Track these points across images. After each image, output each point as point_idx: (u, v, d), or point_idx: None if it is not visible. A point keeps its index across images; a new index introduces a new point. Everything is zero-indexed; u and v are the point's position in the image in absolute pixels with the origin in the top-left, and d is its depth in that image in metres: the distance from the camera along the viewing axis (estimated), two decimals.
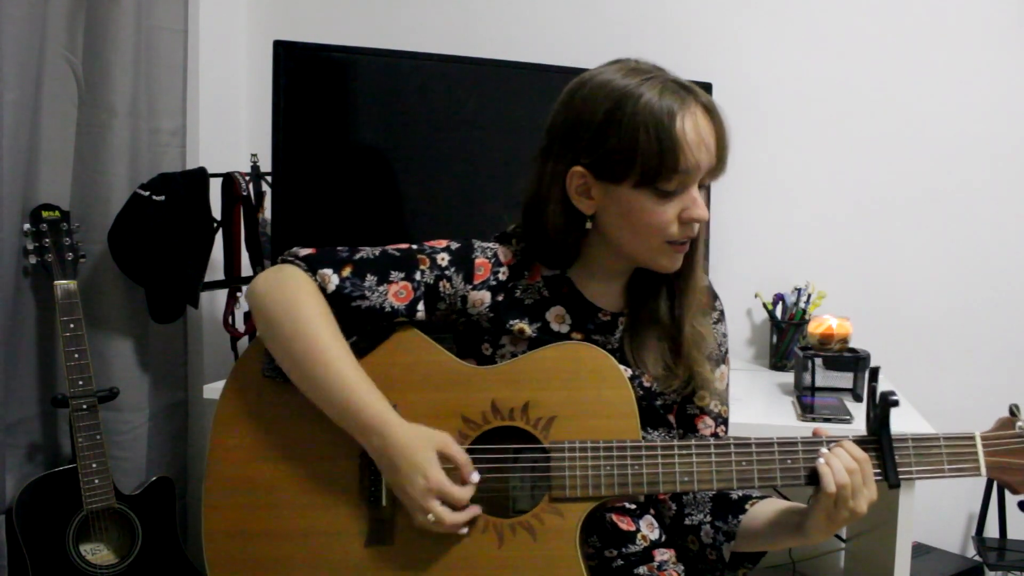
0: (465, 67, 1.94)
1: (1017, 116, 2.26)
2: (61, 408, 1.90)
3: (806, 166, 2.35)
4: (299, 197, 1.82)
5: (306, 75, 1.81)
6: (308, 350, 1.12)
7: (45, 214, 1.86)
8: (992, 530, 2.26)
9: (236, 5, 2.45)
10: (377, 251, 1.21)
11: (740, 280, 2.35)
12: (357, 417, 1.11)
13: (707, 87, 2.17)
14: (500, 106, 1.95)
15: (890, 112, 2.30)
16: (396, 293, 1.18)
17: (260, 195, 2.07)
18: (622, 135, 1.09)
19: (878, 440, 1.11)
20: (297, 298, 1.14)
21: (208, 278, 2.09)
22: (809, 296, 2.26)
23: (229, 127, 2.41)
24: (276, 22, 2.45)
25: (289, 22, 2.46)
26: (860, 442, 1.11)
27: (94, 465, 1.86)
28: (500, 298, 1.22)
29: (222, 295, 2.19)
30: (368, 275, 1.17)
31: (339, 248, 1.21)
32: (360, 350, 1.17)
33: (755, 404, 1.96)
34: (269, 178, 1.92)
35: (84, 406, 1.85)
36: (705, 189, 1.17)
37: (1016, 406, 1.14)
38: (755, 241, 2.37)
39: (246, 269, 2.12)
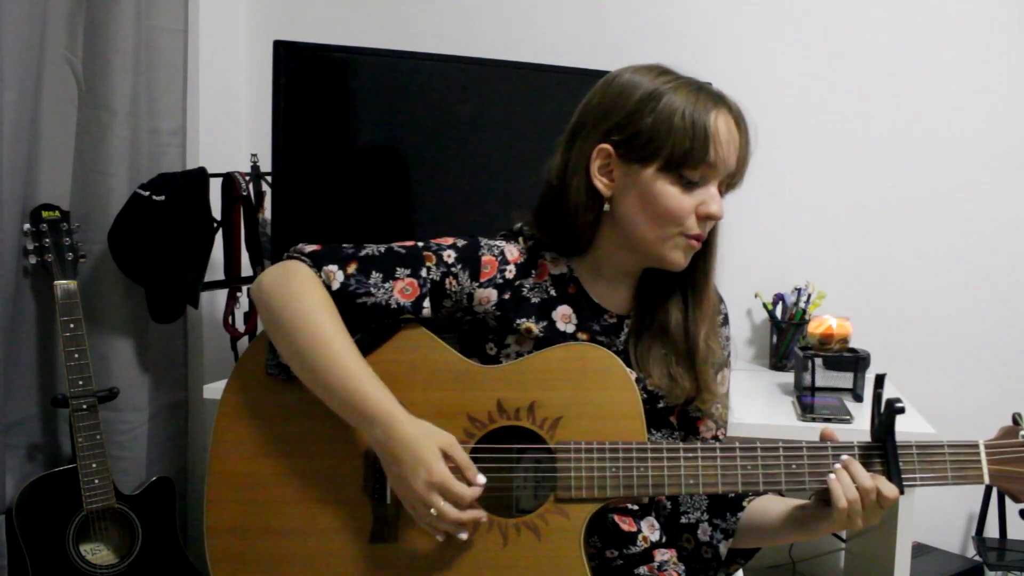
0: (465, 67, 1.94)
1: (1017, 116, 2.26)
2: (61, 408, 1.90)
3: (806, 166, 2.35)
4: (299, 197, 1.82)
5: (306, 75, 1.81)
6: (312, 342, 1.12)
7: (45, 214, 1.86)
8: (992, 530, 2.26)
9: (236, 5, 2.45)
10: (383, 248, 1.21)
11: (740, 280, 2.35)
12: (361, 408, 1.10)
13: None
14: (500, 106, 1.95)
15: (890, 112, 2.30)
16: (402, 290, 1.18)
17: (260, 195, 2.06)
18: (657, 115, 1.11)
19: (883, 447, 1.11)
20: (302, 293, 1.14)
21: (208, 278, 2.09)
22: (809, 296, 2.26)
23: (229, 127, 2.41)
24: (276, 22, 2.45)
25: (289, 22, 2.46)
26: (864, 448, 1.11)
27: (94, 465, 1.86)
28: (507, 296, 1.21)
29: (222, 295, 2.19)
30: (373, 272, 1.17)
31: (345, 245, 1.21)
32: (365, 347, 1.17)
33: (755, 404, 1.96)
34: (269, 178, 1.92)
35: (84, 406, 1.85)
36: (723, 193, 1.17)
37: (1019, 415, 1.15)
38: (755, 241, 2.37)
39: (246, 269, 2.12)
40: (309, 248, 1.20)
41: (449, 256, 1.21)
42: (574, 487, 1.12)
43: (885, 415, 1.11)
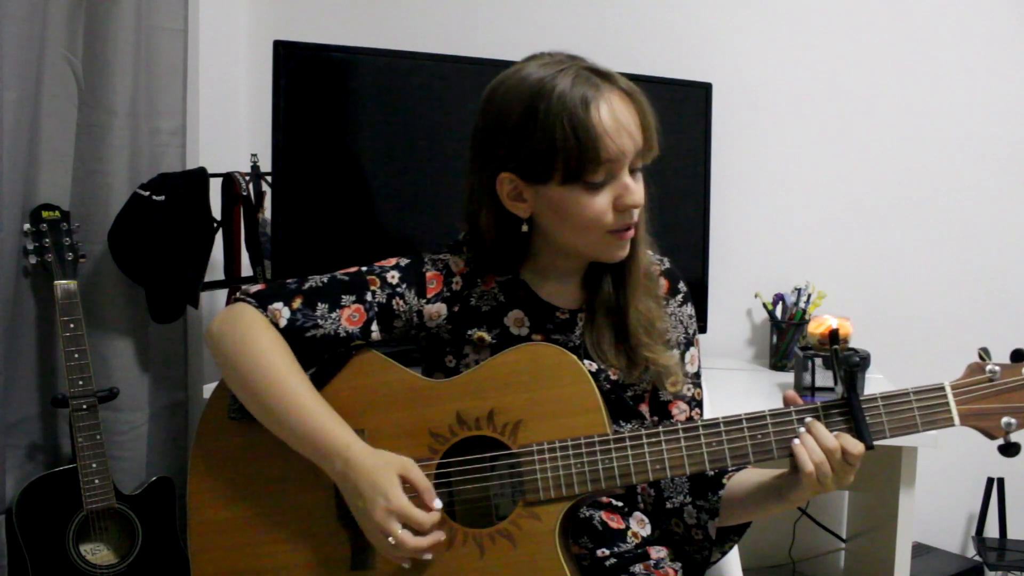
0: (465, 67, 1.94)
1: (1017, 116, 2.26)
2: (61, 408, 1.90)
3: (806, 166, 2.35)
4: (299, 197, 1.82)
5: (306, 75, 1.81)
6: (266, 383, 1.13)
7: (45, 214, 1.86)
8: (992, 530, 2.26)
9: (236, 5, 2.45)
10: (326, 278, 1.21)
11: (740, 280, 2.35)
12: (318, 442, 1.11)
13: (707, 87, 2.18)
14: None
15: (890, 112, 2.30)
16: (349, 317, 1.18)
17: (260, 195, 2.06)
18: (540, 134, 1.08)
19: (848, 403, 1.09)
20: (250, 334, 1.15)
21: (208, 278, 2.09)
22: (809, 296, 2.26)
23: (229, 127, 2.41)
24: (276, 22, 2.45)
25: (289, 22, 2.46)
26: (829, 407, 1.09)
27: (94, 465, 1.86)
28: (456, 309, 1.22)
29: (222, 295, 2.19)
30: (319, 304, 1.18)
31: (288, 281, 1.21)
32: (320, 379, 1.18)
33: (755, 404, 1.94)
34: (269, 178, 1.92)
35: (84, 406, 1.85)
36: (639, 172, 1.14)
37: (985, 349, 1.13)
38: (755, 241, 2.37)
39: (246, 269, 2.12)
40: (254, 288, 1.21)
41: (393, 277, 1.21)
42: (542, 488, 1.11)
43: (843, 371, 1.09)
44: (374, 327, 1.20)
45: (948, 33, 2.27)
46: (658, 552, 1.25)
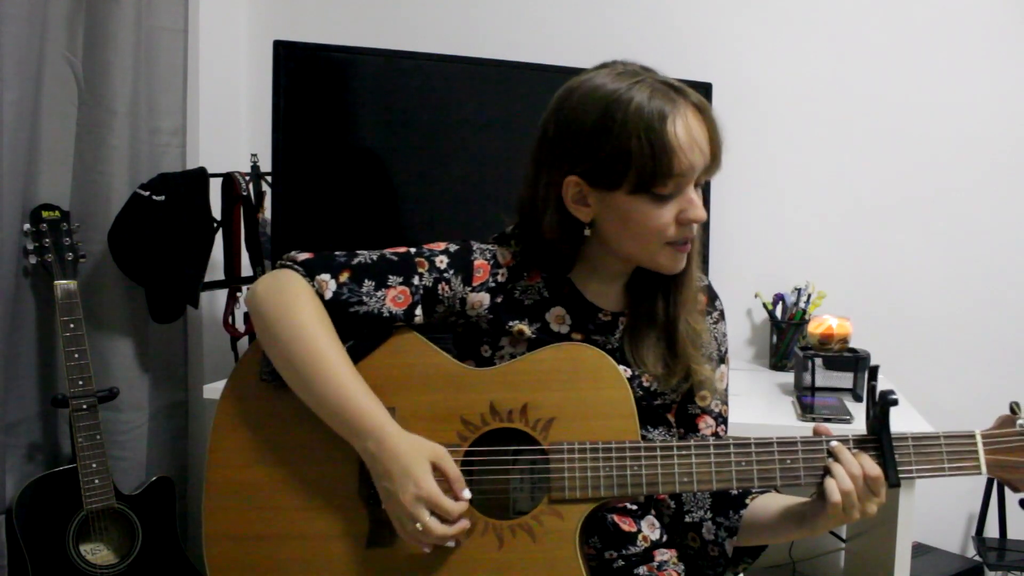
0: (465, 67, 1.94)
1: (1017, 116, 2.26)
2: (61, 408, 1.90)
3: (806, 166, 2.35)
4: (299, 197, 1.82)
5: (306, 75, 1.81)
6: (305, 354, 1.12)
7: (45, 214, 1.86)
8: (992, 530, 2.26)
9: (236, 5, 2.45)
10: (375, 255, 1.21)
11: (740, 280, 2.35)
12: (352, 420, 1.11)
13: (707, 87, 2.18)
14: (500, 106, 1.95)
15: (890, 112, 2.30)
16: (394, 298, 1.18)
17: (260, 195, 2.06)
18: (614, 143, 1.09)
19: (878, 439, 1.10)
20: (295, 303, 1.14)
21: (208, 278, 2.09)
22: (809, 296, 2.26)
23: (229, 127, 2.41)
24: (276, 22, 2.45)
25: (289, 22, 2.46)
26: (860, 442, 1.11)
27: (94, 465, 1.86)
28: (499, 300, 1.22)
29: (222, 295, 2.19)
30: (366, 280, 1.17)
31: (337, 253, 1.21)
32: (357, 354, 1.17)
33: (755, 404, 1.96)
34: (269, 178, 1.92)
35: (84, 406, 1.85)
36: (702, 187, 1.16)
37: (1017, 404, 1.14)
38: (755, 241, 2.37)
39: (246, 269, 2.12)
40: (302, 256, 1.20)
41: (442, 262, 1.21)
42: (568, 488, 1.12)
43: (879, 407, 1.10)
44: (418, 311, 1.19)
45: (948, 33, 2.27)
46: (663, 554, 1.25)
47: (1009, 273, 2.29)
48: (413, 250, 1.22)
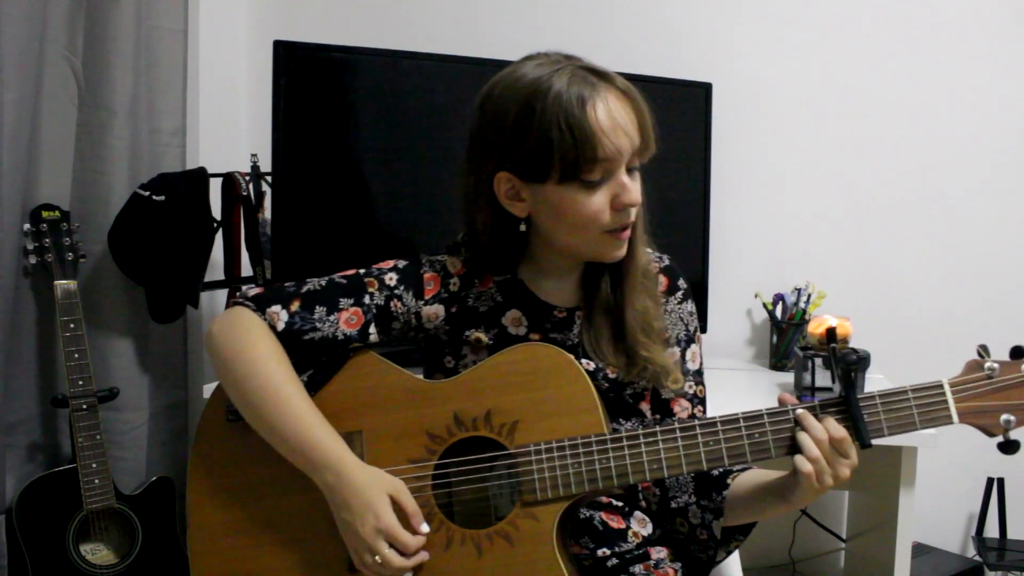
0: (465, 67, 1.94)
1: (1017, 116, 2.26)
2: (61, 408, 1.90)
3: (806, 166, 2.35)
4: (299, 197, 1.82)
5: (306, 75, 1.81)
6: (260, 391, 1.13)
7: (45, 214, 1.86)
8: (992, 530, 2.26)
9: (236, 5, 2.45)
10: (324, 281, 1.22)
11: (740, 280, 2.35)
12: (310, 453, 1.12)
13: (707, 87, 2.18)
14: None
15: (890, 112, 2.30)
16: (347, 320, 1.19)
17: (260, 195, 2.06)
18: (536, 133, 1.08)
19: (846, 402, 1.09)
20: (247, 339, 1.15)
21: (208, 278, 2.09)
22: (809, 296, 2.26)
23: (229, 127, 2.41)
24: (276, 22, 2.45)
25: (289, 22, 2.46)
26: (826, 406, 1.09)
27: (94, 465, 1.86)
28: (454, 309, 1.23)
29: (222, 295, 2.19)
30: (317, 307, 1.19)
31: (286, 284, 1.22)
32: (317, 382, 1.19)
33: (755, 404, 1.94)
34: (269, 178, 1.92)
35: (84, 406, 1.85)
36: (638, 171, 1.14)
37: (984, 347, 1.13)
38: (755, 241, 2.37)
39: (246, 269, 2.12)
40: (253, 291, 1.21)
41: (391, 279, 1.22)
42: (539, 489, 1.12)
43: (840, 369, 1.09)
44: (372, 329, 1.20)
45: (948, 33, 2.27)
46: (658, 552, 1.25)
47: (1009, 273, 2.29)
48: (362, 271, 1.23)
